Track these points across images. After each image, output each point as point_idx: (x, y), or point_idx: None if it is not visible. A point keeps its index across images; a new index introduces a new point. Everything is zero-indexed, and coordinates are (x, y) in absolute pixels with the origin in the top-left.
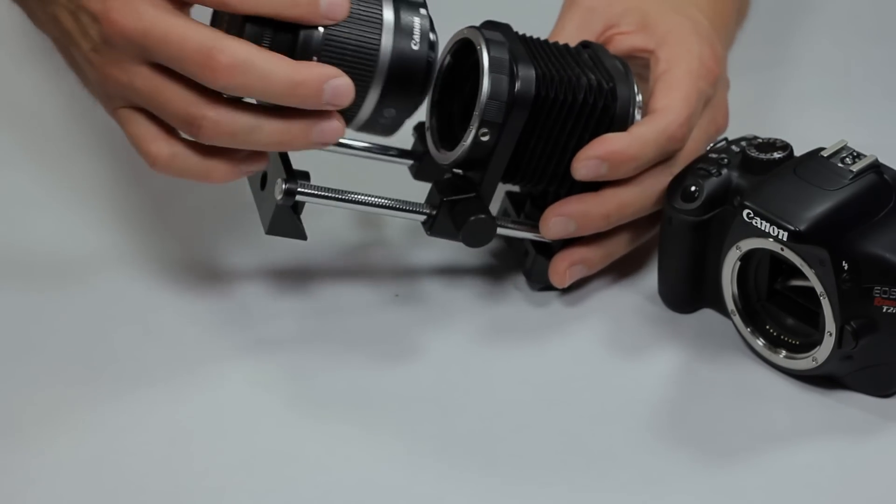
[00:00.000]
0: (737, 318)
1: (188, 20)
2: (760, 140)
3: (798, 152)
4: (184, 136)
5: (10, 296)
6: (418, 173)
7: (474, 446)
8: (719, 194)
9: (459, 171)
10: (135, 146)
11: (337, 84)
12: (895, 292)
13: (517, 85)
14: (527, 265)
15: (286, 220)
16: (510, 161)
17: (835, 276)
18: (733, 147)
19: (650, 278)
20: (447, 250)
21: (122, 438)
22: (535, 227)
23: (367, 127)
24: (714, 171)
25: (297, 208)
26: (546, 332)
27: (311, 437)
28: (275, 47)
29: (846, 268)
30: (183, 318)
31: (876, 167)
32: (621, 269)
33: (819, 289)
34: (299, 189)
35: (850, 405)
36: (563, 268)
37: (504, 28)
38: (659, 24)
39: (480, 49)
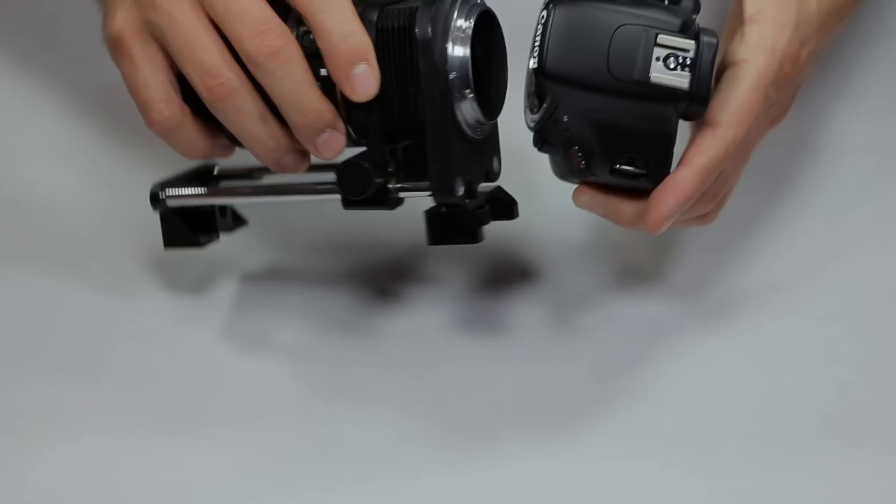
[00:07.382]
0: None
1: None
2: None
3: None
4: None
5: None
6: None
7: (474, 445)
8: None
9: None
10: (134, 94)
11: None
12: None
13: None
14: None
15: (175, 230)
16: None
17: None
18: None
19: (646, 281)
20: (447, 250)
21: (121, 439)
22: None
23: None
24: None
25: (190, 214)
26: (544, 332)
27: (311, 438)
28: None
29: None
30: (183, 318)
31: None
32: (617, 271)
33: None
34: (168, 194)
35: (844, 410)
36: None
37: None
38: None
39: None
